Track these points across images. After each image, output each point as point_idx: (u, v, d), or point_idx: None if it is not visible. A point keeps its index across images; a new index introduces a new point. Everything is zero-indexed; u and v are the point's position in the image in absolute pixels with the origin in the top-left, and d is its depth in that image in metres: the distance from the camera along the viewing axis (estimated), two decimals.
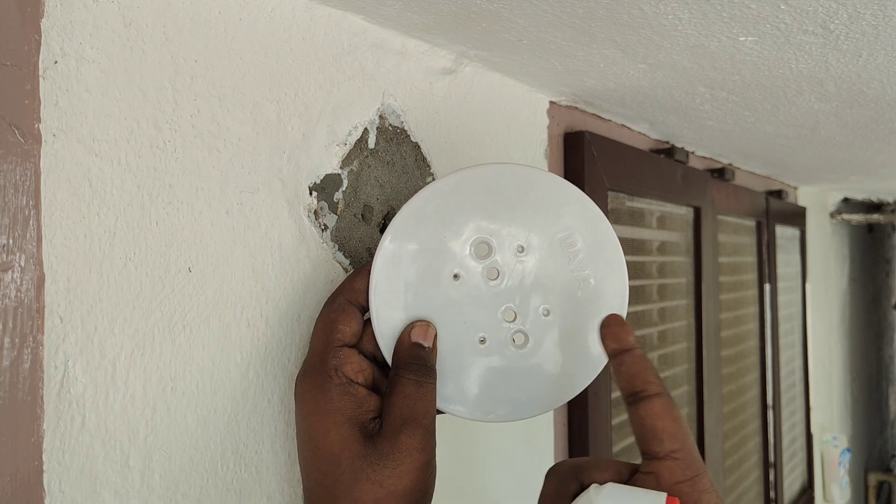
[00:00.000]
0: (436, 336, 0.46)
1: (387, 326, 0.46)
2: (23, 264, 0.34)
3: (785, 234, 1.80)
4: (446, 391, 0.47)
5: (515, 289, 0.47)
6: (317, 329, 0.45)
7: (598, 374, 0.49)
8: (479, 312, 0.47)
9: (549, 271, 0.47)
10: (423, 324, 0.46)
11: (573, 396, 0.49)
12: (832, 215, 2.36)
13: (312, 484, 0.43)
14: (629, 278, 0.49)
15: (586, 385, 0.49)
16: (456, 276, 0.46)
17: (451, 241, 0.45)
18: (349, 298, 0.45)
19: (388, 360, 0.46)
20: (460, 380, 0.48)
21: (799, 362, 1.93)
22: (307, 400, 0.44)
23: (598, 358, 0.48)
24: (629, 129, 1.00)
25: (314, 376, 0.44)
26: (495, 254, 0.46)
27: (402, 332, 0.46)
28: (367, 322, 0.46)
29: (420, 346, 0.45)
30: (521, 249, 0.47)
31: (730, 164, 1.39)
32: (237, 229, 0.45)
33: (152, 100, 0.40)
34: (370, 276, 0.45)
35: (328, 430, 0.42)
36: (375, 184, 0.55)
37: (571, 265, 0.48)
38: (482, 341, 0.47)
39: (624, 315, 0.48)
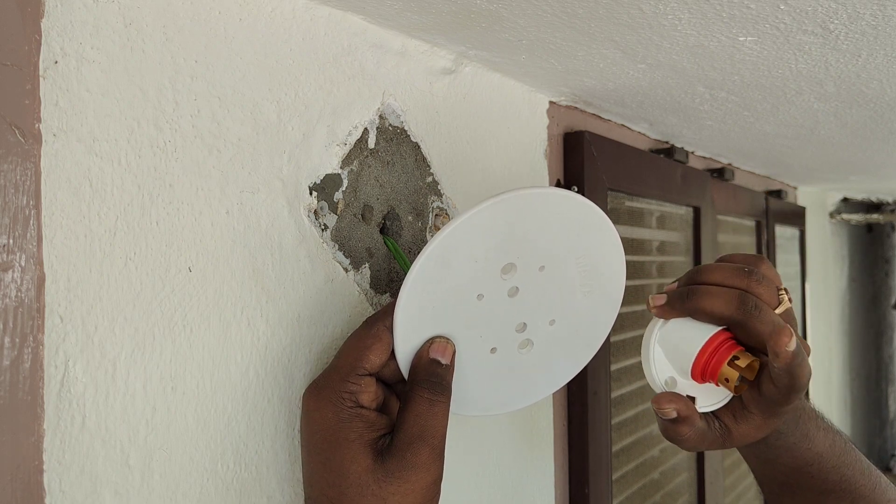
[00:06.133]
0: (454, 353, 0.46)
1: (407, 344, 0.45)
2: (23, 264, 0.34)
3: (784, 234, 1.80)
4: (455, 396, 0.47)
5: (531, 303, 0.48)
6: (348, 347, 0.45)
7: (589, 372, 0.52)
8: (496, 327, 0.48)
9: (563, 285, 0.49)
10: (443, 340, 0.46)
11: (561, 387, 0.54)
12: (831, 215, 2.37)
13: (316, 493, 0.43)
14: (628, 278, 0.50)
15: (572, 377, 0.54)
16: (480, 297, 0.46)
17: (481, 268, 0.45)
18: (388, 325, 0.45)
19: (406, 375, 0.46)
20: (468, 384, 0.49)
21: None
22: (317, 417, 0.44)
23: (584, 355, 0.53)
24: (629, 128, 1.00)
25: (329, 394, 0.43)
26: (518, 273, 0.46)
27: (422, 348, 0.45)
28: (394, 353, 0.46)
29: (437, 363, 0.45)
30: (542, 268, 0.47)
31: (729, 164, 1.39)
32: (237, 229, 0.45)
33: (152, 100, 0.40)
34: (397, 300, 0.44)
35: (339, 444, 0.43)
36: (375, 184, 0.55)
37: (580, 279, 0.49)
38: (493, 351, 0.49)
39: (614, 319, 0.53)
